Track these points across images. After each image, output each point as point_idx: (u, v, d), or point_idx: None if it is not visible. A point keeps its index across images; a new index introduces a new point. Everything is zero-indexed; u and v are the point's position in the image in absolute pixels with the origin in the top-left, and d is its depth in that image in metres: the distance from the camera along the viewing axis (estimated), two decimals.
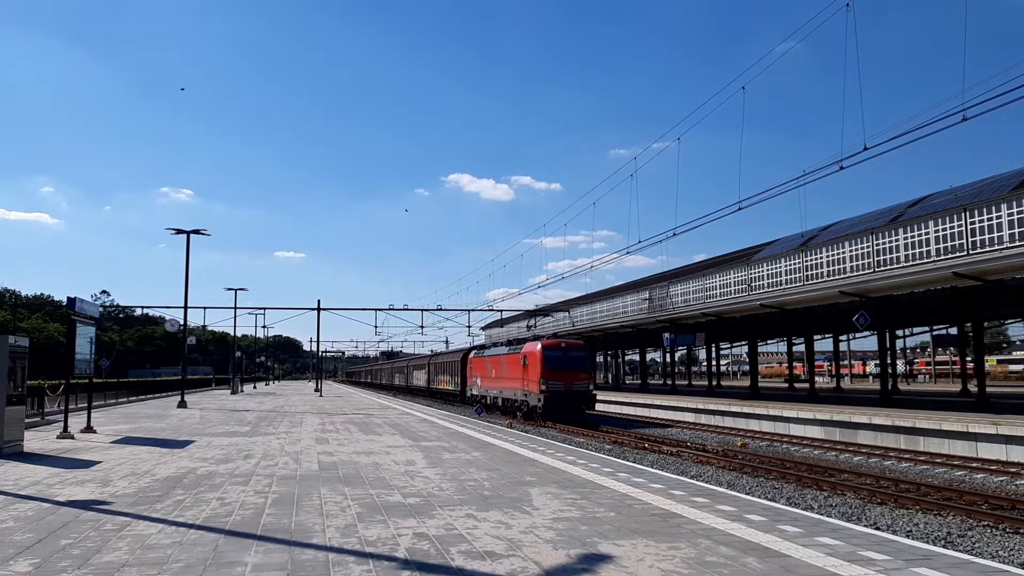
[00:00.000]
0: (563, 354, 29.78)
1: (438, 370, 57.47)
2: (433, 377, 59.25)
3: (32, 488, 10.17)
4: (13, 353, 14.78)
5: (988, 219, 20.23)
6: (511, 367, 33.35)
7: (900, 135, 15.42)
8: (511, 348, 34.92)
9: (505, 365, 34.63)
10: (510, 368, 33.52)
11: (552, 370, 29.13)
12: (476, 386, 41.25)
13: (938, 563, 6.22)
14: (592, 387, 30.69)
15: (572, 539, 6.98)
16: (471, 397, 42.80)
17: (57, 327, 78.25)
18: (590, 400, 30.00)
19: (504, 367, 34.84)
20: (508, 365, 34.08)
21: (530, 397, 30.29)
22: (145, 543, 6.82)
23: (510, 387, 33.62)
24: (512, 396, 33.37)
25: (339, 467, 12.46)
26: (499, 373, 35.89)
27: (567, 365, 29.47)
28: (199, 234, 36.69)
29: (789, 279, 28.89)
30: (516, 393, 32.53)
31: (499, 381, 35.88)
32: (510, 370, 33.48)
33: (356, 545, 6.74)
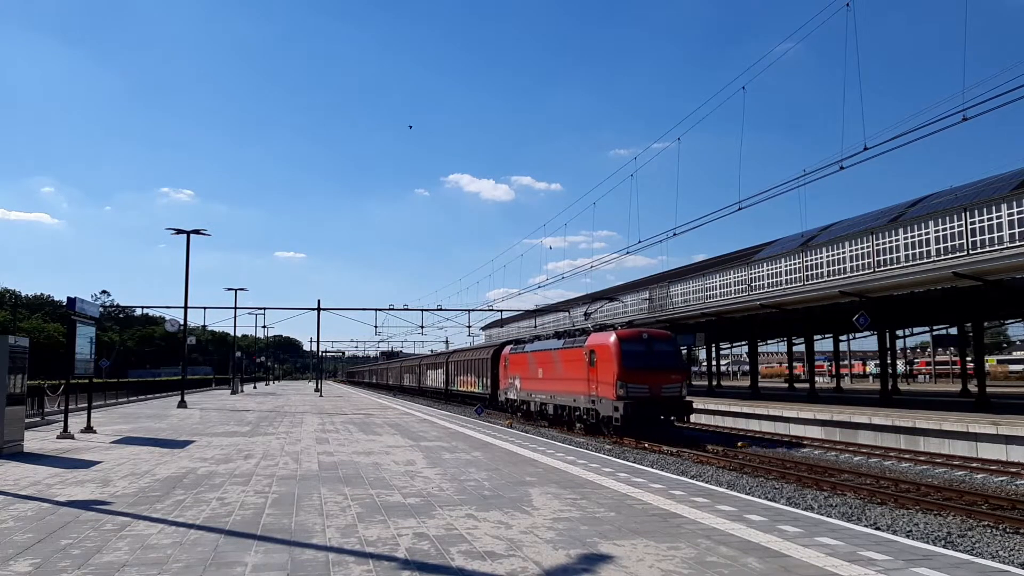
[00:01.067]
0: (647, 348, 23.12)
1: (460, 369, 50.28)
2: (453, 378, 52.20)
3: (32, 488, 10.16)
4: (13, 353, 14.77)
5: (988, 219, 20.23)
6: (568, 365, 26.59)
7: (900, 135, 15.43)
8: (567, 341, 27.71)
9: (559, 363, 27.71)
10: (566, 366, 26.79)
11: (633, 369, 22.47)
12: (514, 389, 33.81)
13: (938, 563, 6.22)
14: (687, 391, 23.48)
15: (572, 539, 6.98)
16: (506, 403, 35.43)
17: (57, 327, 78.25)
18: (686, 408, 23.06)
19: (557, 365, 27.90)
20: (563, 363, 27.18)
21: (600, 405, 23.55)
22: (145, 543, 6.81)
23: (566, 390, 26.78)
24: (570, 402, 26.50)
25: (339, 467, 12.45)
26: (549, 373, 28.81)
27: (653, 363, 22.76)
28: (199, 234, 36.69)
29: (789, 279, 28.89)
30: (577, 399, 25.64)
31: (550, 383, 28.82)
32: (566, 369, 26.79)
33: (356, 545, 6.74)
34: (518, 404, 33.28)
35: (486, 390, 41.78)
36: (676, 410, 22.93)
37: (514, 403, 33.95)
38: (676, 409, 22.91)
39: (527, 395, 31.75)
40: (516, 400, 33.55)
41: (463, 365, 49.57)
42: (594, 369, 23.94)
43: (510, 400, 34.60)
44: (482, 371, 43.07)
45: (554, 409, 28.31)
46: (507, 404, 35.22)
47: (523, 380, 32.40)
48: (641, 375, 22.48)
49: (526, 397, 31.94)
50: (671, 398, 22.74)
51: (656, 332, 24.78)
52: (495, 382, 39.28)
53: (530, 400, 31.32)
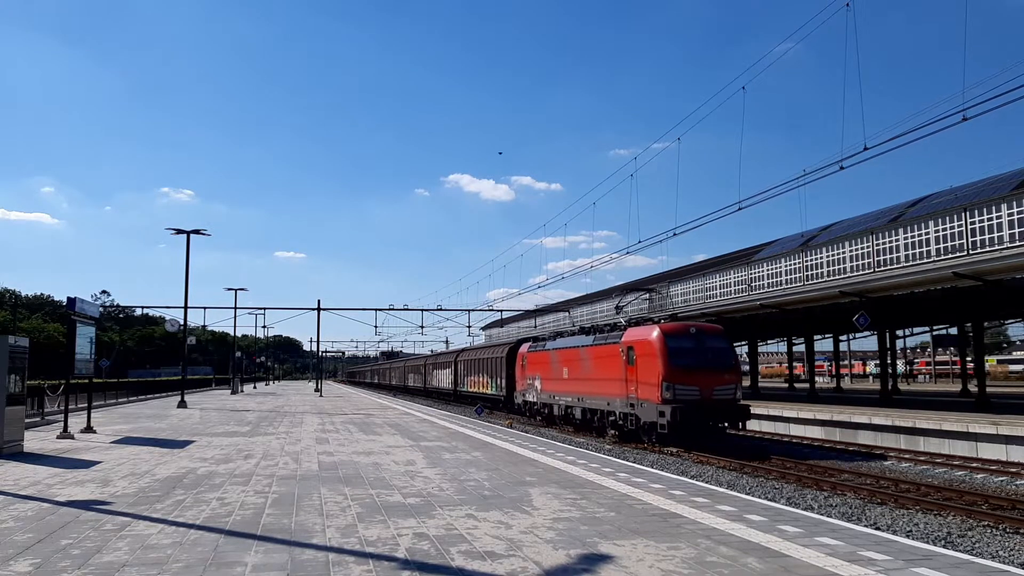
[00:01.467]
0: (696, 344, 20.39)
1: (470, 369, 47.02)
2: (463, 378, 48.96)
3: (32, 488, 10.16)
4: (13, 353, 14.77)
5: (988, 219, 20.23)
6: (600, 364, 23.76)
7: (900, 135, 15.43)
8: (598, 337, 24.78)
9: (588, 362, 24.93)
10: (598, 365, 24.01)
11: (681, 368, 19.73)
12: (534, 390, 30.97)
13: (938, 563, 6.22)
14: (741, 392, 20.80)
15: (572, 539, 6.98)
16: (524, 405, 32.81)
17: (57, 327, 78.26)
18: (741, 413, 20.04)
19: (586, 364, 25.08)
20: (594, 362, 24.36)
21: (641, 409, 20.72)
22: (145, 543, 6.81)
23: (597, 392, 24.02)
24: (602, 406, 23.74)
25: (339, 467, 12.45)
26: (577, 372, 26.05)
27: (704, 360, 20.13)
28: (199, 234, 36.70)
29: (789, 279, 28.89)
30: (611, 402, 22.87)
31: (577, 384, 26.06)
32: (597, 368, 24.00)
33: (356, 545, 6.74)
34: (538, 407, 30.55)
35: (500, 391, 38.76)
36: (730, 415, 19.94)
37: (533, 406, 31.29)
38: (730, 414, 19.92)
39: (549, 397, 29.02)
40: (536, 403, 30.83)
41: (474, 364, 46.29)
42: (633, 368, 21.13)
43: (529, 403, 31.95)
44: (495, 371, 40.03)
45: (582, 413, 25.47)
46: (525, 407, 32.57)
47: (544, 381, 29.66)
48: (690, 375, 19.70)
49: (548, 399, 29.15)
50: (724, 401, 19.88)
51: (705, 326, 21.84)
52: (510, 383, 36.22)
53: (553, 403, 28.56)
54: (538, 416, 30.58)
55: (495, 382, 40.07)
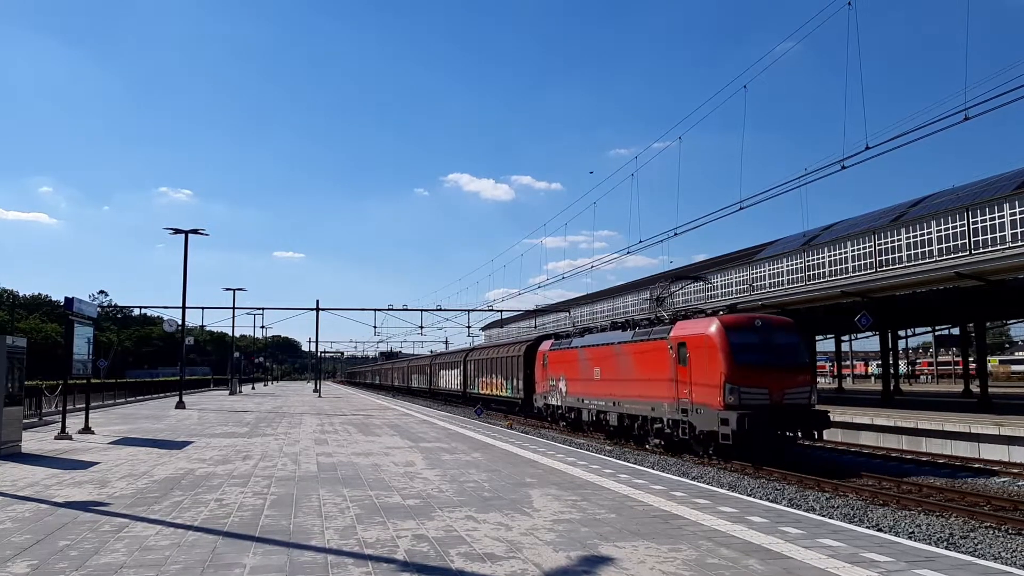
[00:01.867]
0: (763, 338, 17.52)
1: (482, 369, 43.44)
2: (473, 379, 45.77)
3: (30, 489, 10.12)
4: (11, 353, 14.74)
5: (990, 219, 20.19)
6: (643, 363, 20.79)
7: (902, 134, 15.36)
8: (639, 332, 21.66)
9: (626, 360, 21.85)
10: (639, 365, 21.00)
11: (745, 367, 16.88)
12: (558, 393, 27.99)
13: (940, 564, 6.18)
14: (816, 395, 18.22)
15: (573, 541, 6.93)
16: (545, 409, 29.85)
17: (55, 327, 78.23)
18: (818, 420, 17.12)
19: (624, 363, 21.97)
20: (634, 360, 21.33)
21: (697, 415, 17.77)
22: (143, 544, 6.77)
23: (638, 395, 21.00)
24: (645, 411, 20.64)
25: (338, 468, 12.41)
26: (612, 372, 22.93)
27: (773, 358, 17.24)
28: (197, 234, 36.66)
29: (791, 279, 28.85)
30: (657, 407, 19.78)
31: (612, 386, 22.94)
32: (639, 367, 21.00)
33: (355, 547, 6.69)
34: (563, 412, 27.64)
35: (517, 394, 35.64)
36: (804, 422, 17.06)
37: (557, 410, 28.39)
38: (804, 421, 17.05)
39: (577, 401, 25.98)
40: (560, 407, 27.87)
41: (486, 364, 42.64)
42: (685, 368, 18.24)
43: (551, 406, 28.97)
44: (511, 371, 36.83)
45: (618, 419, 22.46)
46: (547, 411, 29.67)
47: (571, 382, 26.57)
48: (758, 375, 16.87)
49: (575, 403, 26.16)
50: (797, 406, 17.05)
51: (773, 318, 19.05)
52: (529, 384, 33.29)
53: (581, 407, 25.60)
54: (562, 422, 27.92)
55: (511, 383, 36.90)
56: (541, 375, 30.47)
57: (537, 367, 31.19)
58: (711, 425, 17.11)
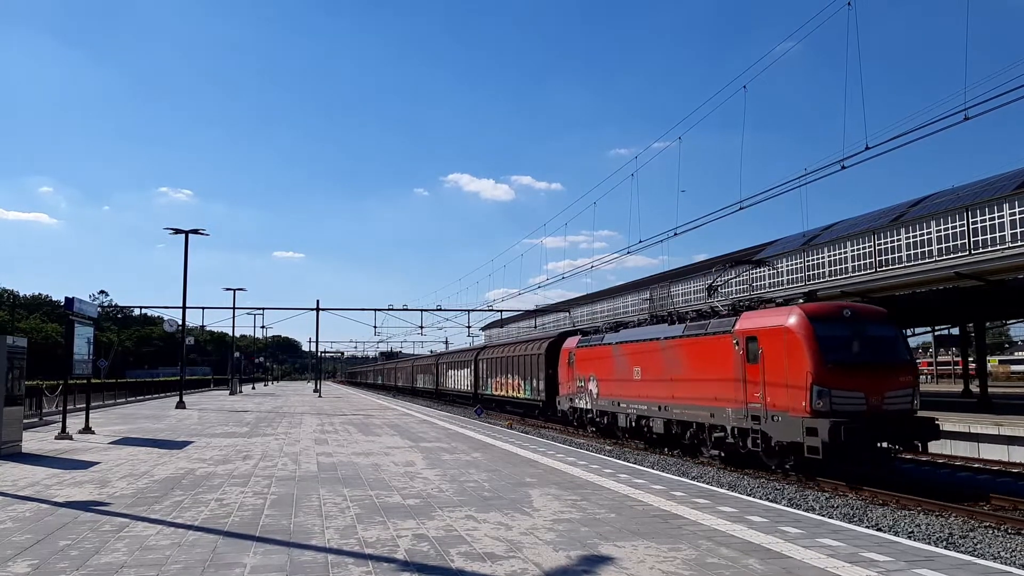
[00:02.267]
0: (856, 331, 14.84)
1: (496, 369, 40.48)
2: (486, 379, 42.82)
3: (30, 489, 10.13)
4: (11, 353, 14.75)
5: (990, 219, 20.21)
6: (698, 361, 17.97)
7: (902, 134, 15.34)
8: (692, 325, 18.71)
9: (676, 358, 18.94)
10: (693, 363, 18.16)
11: (837, 366, 14.26)
12: (587, 395, 25.11)
13: (940, 564, 6.19)
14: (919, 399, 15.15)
15: (572, 540, 6.94)
16: (572, 413, 26.91)
17: (55, 327, 78.24)
18: (925, 429, 14.55)
19: (673, 361, 19.07)
20: (687, 358, 18.46)
21: (773, 423, 15.03)
22: (144, 544, 6.78)
23: (694, 399, 18.01)
24: (701, 417, 17.76)
25: (338, 468, 12.42)
26: (656, 372, 19.98)
27: (868, 355, 14.63)
28: (198, 234, 36.68)
29: (790, 279, 28.86)
30: (719, 413, 16.88)
31: (658, 387, 19.87)
32: (693, 366, 18.16)
33: (355, 546, 6.70)
34: (594, 416, 24.77)
35: (537, 395, 32.89)
36: (907, 432, 14.38)
37: (586, 414, 25.53)
38: (907, 430, 14.37)
39: (611, 404, 23.11)
40: (591, 410, 24.95)
41: (500, 364, 39.51)
42: (756, 367, 15.58)
43: (579, 410, 26.13)
44: (531, 370, 33.92)
45: (665, 426, 19.56)
46: (573, 415, 26.87)
47: (603, 383, 23.78)
48: (852, 375, 14.28)
49: (609, 407, 23.30)
50: (899, 412, 14.35)
51: (863, 307, 16.22)
52: (551, 385, 30.67)
53: (617, 411, 22.73)
54: (591, 427, 25.36)
55: (530, 384, 33.89)
56: (566, 375, 27.38)
57: (561, 366, 28.11)
58: (793, 435, 14.44)
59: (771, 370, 15.30)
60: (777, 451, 15.35)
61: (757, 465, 16.21)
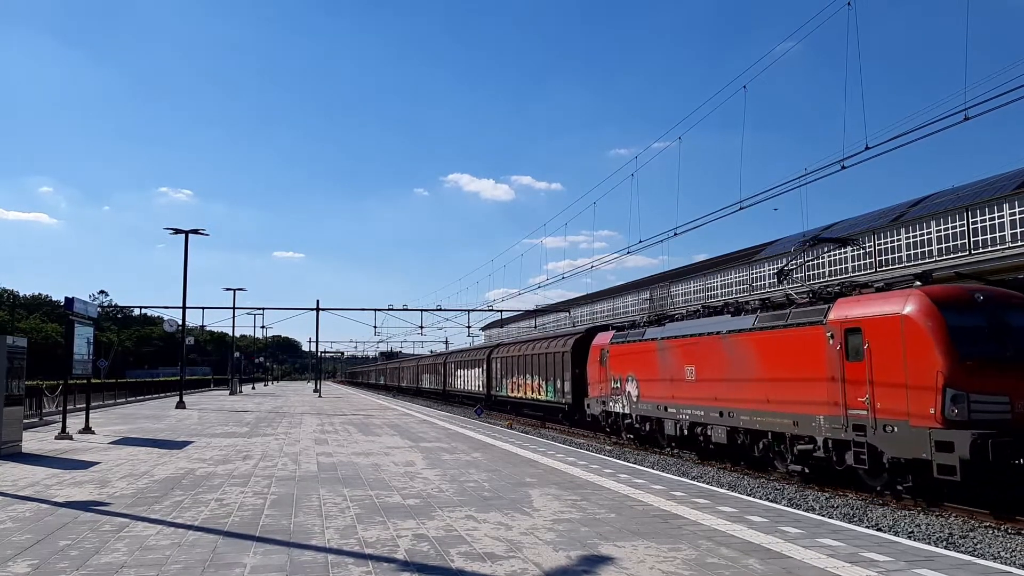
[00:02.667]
0: (994, 320, 12.21)
1: (512, 368, 37.42)
2: (500, 380, 39.85)
3: (30, 489, 10.13)
4: (11, 353, 14.75)
5: (990, 219, 20.22)
6: (776, 357, 15.12)
7: (902, 134, 15.33)
8: (767, 316, 15.74)
9: (745, 354, 16.04)
10: (770, 360, 15.29)
11: (974, 363, 11.61)
12: (625, 398, 22.02)
13: (940, 564, 6.19)
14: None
15: (572, 540, 6.95)
16: (604, 417, 23.95)
17: (55, 327, 78.26)
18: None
19: (742, 358, 16.13)
20: (760, 353, 15.59)
21: (885, 436, 12.41)
22: (144, 544, 6.78)
23: (774, 404, 15.05)
24: (781, 427, 14.90)
25: (338, 468, 12.42)
26: (717, 371, 17.08)
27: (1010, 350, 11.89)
28: (198, 234, 36.70)
29: (790, 279, 28.86)
30: (807, 421, 14.11)
31: (719, 388, 16.95)
32: (771, 364, 15.27)
33: (355, 546, 6.71)
34: (633, 421, 21.66)
35: (562, 397, 29.87)
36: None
37: (623, 419, 22.47)
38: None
39: (655, 408, 20.08)
40: (628, 415, 21.88)
41: (517, 363, 36.66)
42: (860, 364, 12.80)
43: (613, 414, 23.15)
44: (554, 370, 30.94)
45: (728, 435, 16.68)
46: (606, 419, 23.87)
47: (645, 384, 20.80)
48: (994, 375, 11.62)
49: (652, 411, 20.30)
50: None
51: (996, 291, 13.47)
52: (578, 386, 27.70)
53: (663, 416, 19.60)
54: (628, 434, 22.29)
55: (553, 385, 30.91)
56: (597, 375, 24.40)
57: (590, 365, 25.15)
58: (915, 451, 11.78)
59: (882, 369, 12.55)
60: (889, 469, 12.62)
61: (855, 485, 13.41)
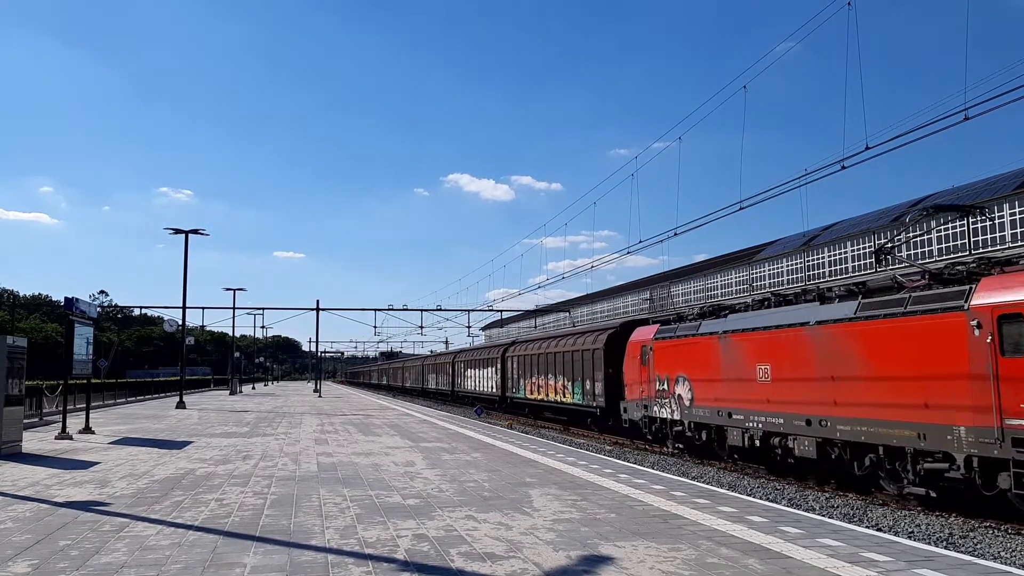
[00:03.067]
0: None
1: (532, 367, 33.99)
2: (517, 380, 36.66)
3: (30, 489, 10.13)
4: (11, 353, 14.75)
5: (990, 219, 20.21)
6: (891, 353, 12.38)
7: (902, 134, 15.36)
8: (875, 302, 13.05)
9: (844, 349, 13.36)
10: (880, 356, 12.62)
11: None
12: (673, 400, 19.10)
13: (940, 564, 6.19)
14: None
15: (572, 540, 6.95)
16: (646, 423, 20.82)
17: (55, 327, 78.27)
18: None
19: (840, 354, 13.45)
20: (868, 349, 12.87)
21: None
22: (144, 544, 6.78)
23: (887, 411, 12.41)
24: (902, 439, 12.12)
25: (338, 468, 12.42)
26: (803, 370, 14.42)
27: None
28: (198, 234, 36.72)
29: (791, 279, 28.88)
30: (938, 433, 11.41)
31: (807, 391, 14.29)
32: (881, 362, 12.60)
33: (355, 546, 6.71)
34: (685, 429, 18.58)
35: (592, 400, 26.60)
36: None
37: (671, 426, 19.30)
38: None
39: (713, 414, 17.27)
40: (679, 421, 18.83)
41: (538, 361, 33.11)
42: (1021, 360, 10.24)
43: (658, 420, 19.94)
44: (583, 369, 27.68)
45: (820, 449, 14.01)
46: (648, 425, 20.62)
47: (700, 385, 17.91)
48: None
49: (709, 417, 17.46)
50: None
51: None
52: (612, 387, 24.67)
53: (725, 424, 16.83)
54: (677, 443, 19.25)
55: (581, 386, 27.76)
56: (637, 374, 21.28)
57: (628, 364, 22.10)
58: None
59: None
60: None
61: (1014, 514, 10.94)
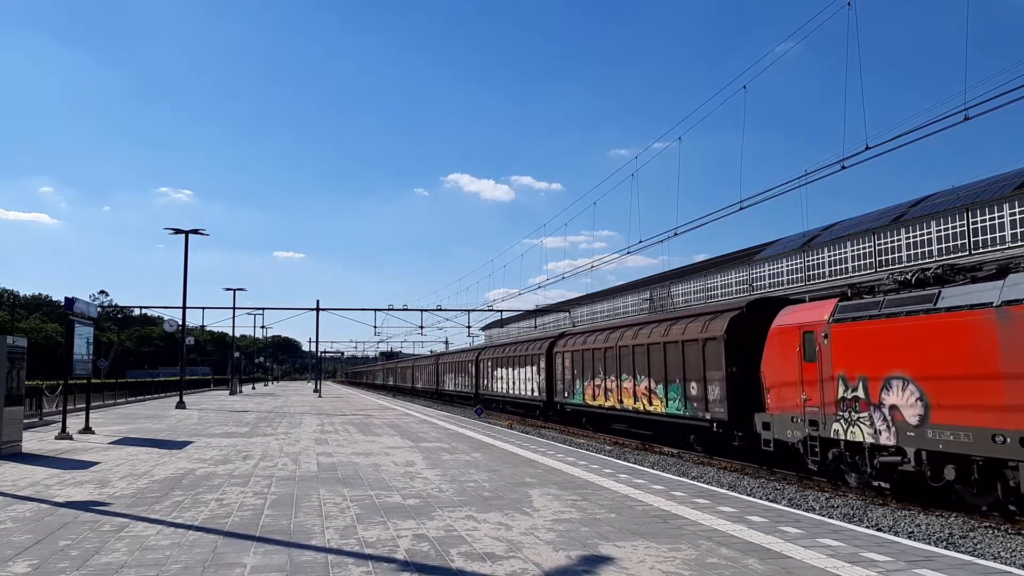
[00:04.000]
0: None
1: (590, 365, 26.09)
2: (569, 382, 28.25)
3: (30, 489, 10.13)
4: (11, 353, 14.75)
5: (990, 219, 20.21)
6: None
7: (902, 135, 15.36)
8: None
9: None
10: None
11: None
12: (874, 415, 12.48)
13: (940, 564, 6.19)
14: None
15: (572, 540, 6.95)
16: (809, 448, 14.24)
17: (55, 327, 78.26)
18: None
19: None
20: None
21: None
22: (144, 544, 6.78)
23: None
24: None
25: (338, 468, 12.42)
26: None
27: None
28: (198, 234, 36.69)
29: (791, 279, 28.88)
30: None
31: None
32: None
33: (355, 546, 6.71)
34: (904, 460, 12.15)
35: (704, 410, 18.70)
36: None
37: (873, 455, 12.83)
38: None
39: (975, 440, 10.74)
40: (889, 448, 12.42)
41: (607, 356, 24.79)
42: None
43: (839, 442, 13.54)
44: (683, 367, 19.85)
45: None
46: (823, 453, 13.98)
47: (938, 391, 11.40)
48: None
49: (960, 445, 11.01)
50: None
51: None
52: (737, 392, 17.42)
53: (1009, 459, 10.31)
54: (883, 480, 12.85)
55: (684, 390, 19.86)
56: (792, 374, 14.68)
57: (771, 359, 15.49)
58: None
59: None
60: None
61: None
